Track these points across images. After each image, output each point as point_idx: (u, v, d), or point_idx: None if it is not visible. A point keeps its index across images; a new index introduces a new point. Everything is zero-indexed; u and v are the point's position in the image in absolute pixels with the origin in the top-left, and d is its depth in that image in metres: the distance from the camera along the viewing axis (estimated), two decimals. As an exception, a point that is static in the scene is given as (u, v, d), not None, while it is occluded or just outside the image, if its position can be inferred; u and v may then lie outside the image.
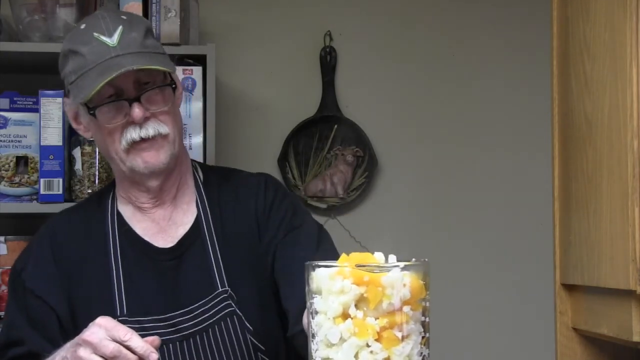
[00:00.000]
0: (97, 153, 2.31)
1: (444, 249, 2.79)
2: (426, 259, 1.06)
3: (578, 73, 1.89)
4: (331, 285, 1.02)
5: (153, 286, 1.63)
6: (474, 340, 2.80)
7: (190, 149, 2.34)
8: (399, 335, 1.02)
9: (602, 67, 1.77)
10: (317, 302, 1.04)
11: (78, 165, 2.30)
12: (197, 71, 2.34)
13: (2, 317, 1.96)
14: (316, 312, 1.04)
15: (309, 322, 1.07)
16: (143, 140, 1.59)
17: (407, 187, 2.83)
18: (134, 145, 1.59)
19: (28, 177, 2.32)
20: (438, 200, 2.82)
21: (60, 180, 2.26)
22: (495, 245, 2.83)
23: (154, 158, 1.60)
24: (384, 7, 2.84)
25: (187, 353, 1.59)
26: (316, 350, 1.05)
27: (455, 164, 2.83)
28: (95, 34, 1.58)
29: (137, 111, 1.57)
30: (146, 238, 1.67)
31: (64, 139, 2.28)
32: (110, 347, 1.34)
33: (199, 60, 2.37)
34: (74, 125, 1.71)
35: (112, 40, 1.57)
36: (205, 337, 1.60)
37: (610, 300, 1.75)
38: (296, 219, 1.71)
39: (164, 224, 1.68)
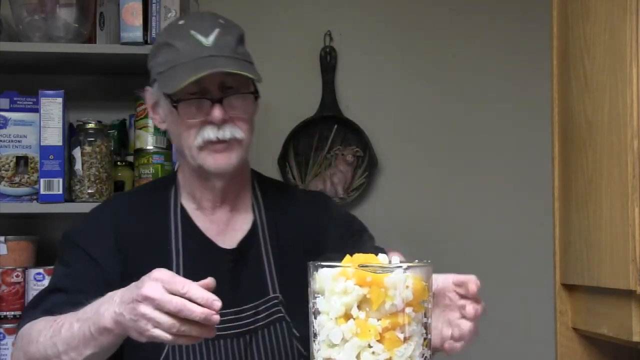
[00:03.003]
0: (97, 153, 2.31)
1: (443, 249, 2.79)
2: (429, 261, 1.07)
3: (578, 73, 1.89)
4: (334, 286, 1.02)
5: None
6: (474, 340, 2.80)
7: (191, 149, 2.34)
8: (401, 336, 1.02)
9: (602, 67, 1.77)
10: (319, 302, 1.04)
11: (78, 165, 2.30)
12: (197, 71, 2.34)
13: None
14: (319, 312, 1.05)
15: (310, 322, 1.08)
16: (218, 141, 1.64)
17: (407, 187, 2.83)
18: (208, 145, 1.64)
19: (28, 177, 2.32)
20: (438, 200, 2.82)
21: (60, 180, 2.26)
22: (496, 245, 2.83)
23: (225, 160, 1.65)
24: (384, 8, 2.84)
25: (235, 351, 1.63)
26: (318, 350, 1.05)
27: (455, 164, 2.84)
28: (192, 32, 1.63)
29: (217, 112, 1.62)
30: (208, 236, 1.72)
31: (64, 139, 2.28)
32: (174, 302, 1.27)
33: (199, 60, 2.37)
34: (150, 114, 1.76)
35: (208, 40, 1.63)
36: (253, 338, 1.64)
37: (610, 300, 1.75)
38: (355, 225, 1.80)
39: (222, 227, 1.73)
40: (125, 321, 1.33)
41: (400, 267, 1.03)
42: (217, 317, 1.26)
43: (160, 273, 1.31)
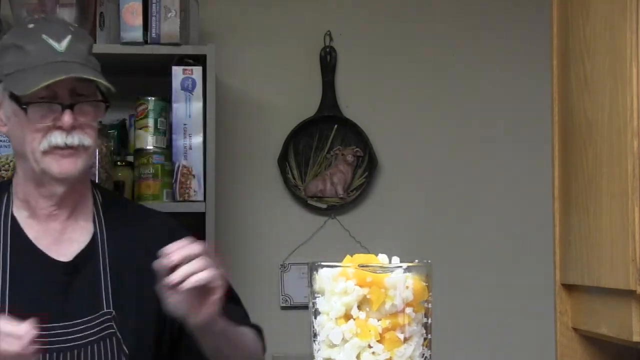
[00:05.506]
0: (96, 153, 2.31)
1: (443, 249, 2.79)
2: (429, 261, 1.07)
3: (578, 73, 1.89)
4: (334, 286, 1.02)
5: (40, 294, 1.64)
6: (475, 340, 2.80)
7: (190, 149, 2.34)
8: (401, 336, 1.02)
9: (602, 67, 1.77)
10: (319, 303, 1.04)
11: (78, 165, 2.29)
12: (197, 71, 2.34)
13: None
14: (319, 313, 1.05)
15: (310, 322, 1.08)
16: (65, 147, 1.62)
17: (407, 187, 2.83)
18: (54, 150, 1.62)
19: (28, 177, 2.31)
20: (438, 200, 2.83)
21: (61, 180, 2.25)
22: (496, 245, 2.83)
23: (72, 166, 1.63)
24: (384, 7, 2.84)
25: None
26: (318, 350, 1.06)
27: (455, 164, 2.84)
28: (44, 36, 1.63)
29: (67, 118, 1.61)
30: (40, 247, 1.68)
31: (64, 139, 2.27)
32: None
33: (199, 60, 2.37)
34: None
35: (61, 46, 1.63)
36: (82, 352, 1.62)
37: (610, 300, 1.75)
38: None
39: (57, 237, 1.69)
40: None
41: (400, 267, 1.03)
42: None
43: None
